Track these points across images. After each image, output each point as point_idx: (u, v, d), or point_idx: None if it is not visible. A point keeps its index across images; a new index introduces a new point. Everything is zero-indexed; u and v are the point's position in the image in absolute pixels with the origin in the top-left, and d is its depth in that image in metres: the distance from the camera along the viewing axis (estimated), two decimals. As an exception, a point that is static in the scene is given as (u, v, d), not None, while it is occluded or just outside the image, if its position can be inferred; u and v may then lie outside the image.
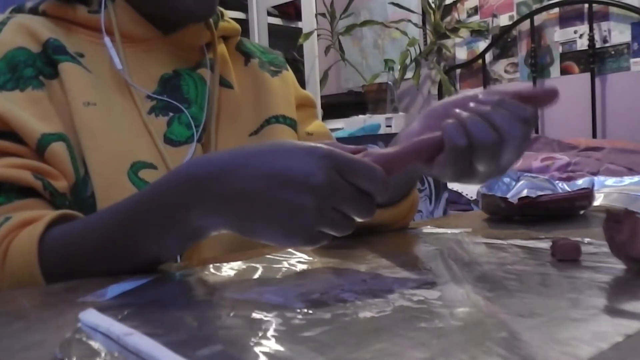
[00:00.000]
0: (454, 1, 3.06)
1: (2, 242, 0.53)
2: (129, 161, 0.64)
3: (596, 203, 0.82)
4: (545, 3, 2.70)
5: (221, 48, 0.80)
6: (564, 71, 2.68)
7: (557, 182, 0.87)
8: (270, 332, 0.34)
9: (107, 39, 0.70)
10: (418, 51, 3.17)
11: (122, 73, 0.69)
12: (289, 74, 0.86)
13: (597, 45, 2.55)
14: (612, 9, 2.50)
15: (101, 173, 0.62)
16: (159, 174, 0.65)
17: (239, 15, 3.31)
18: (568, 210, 0.76)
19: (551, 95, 0.53)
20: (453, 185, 1.68)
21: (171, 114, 0.71)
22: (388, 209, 0.68)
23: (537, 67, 2.73)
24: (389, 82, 3.19)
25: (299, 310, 0.39)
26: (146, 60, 0.72)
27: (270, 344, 0.32)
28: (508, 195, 0.78)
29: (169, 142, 0.69)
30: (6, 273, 0.52)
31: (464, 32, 3.01)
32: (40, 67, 0.66)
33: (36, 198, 0.59)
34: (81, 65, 0.67)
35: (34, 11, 0.72)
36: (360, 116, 3.08)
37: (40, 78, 0.65)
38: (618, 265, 0.46)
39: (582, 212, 0.78)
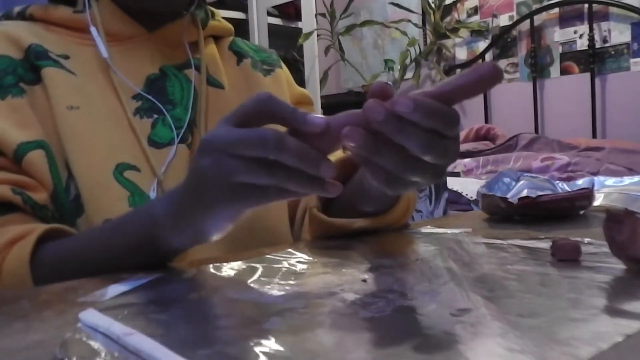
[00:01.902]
0: (454, 1, 3.06)
1: None
2: (113, 162, 0.65)
3: (596, 203, 0.82)
4: (545, 3, 2.70)
5: (211, 48, 0.80)
6: (564, 71, 2.68)
7: (557, 182, 0.87)
8: (271, 332, 0.34)
9: (93, 29, 0.70)
10: (418, 51, 3.17)
11: (108, 61, 0.69)
12: (282, 72, 0.85)
13: (597, 45, 2.54)
14: (612, 9, 2.50)
15: (86, 175, 0.63)
16: (142, 176, 0.66)
17: (239, 15, 3.31)
18: (568, 210, 0.76)
19: (492, 75, 0.41)
20: (453, 185, 1.68)
21: (155, 116, 0.71)
22: (382, 215, 0.66)
23: (537, 67, 2.73)
24: (389, 82, 3.18)
25: (299, 310, 0.39)
26: (132, 58, 0.72)
27: (270, 344, 0.32)
28: (508, 195, 0.78)
29: (153, 144, 0.68)
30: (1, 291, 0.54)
31: (464, 32, 3.01)
32: (22, 73, 0.66)
33: (18, 212, 0.60)
34: (64, 68, 0.67)
35: (21, 15, 0.73)
36: (360, 116, 3.07)
37: (20, 85, 0.65)
38: (618, 265, 0.46)
39: (582, 212, 0.78)
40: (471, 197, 1.66)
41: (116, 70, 0.69)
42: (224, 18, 0.86)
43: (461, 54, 3.08)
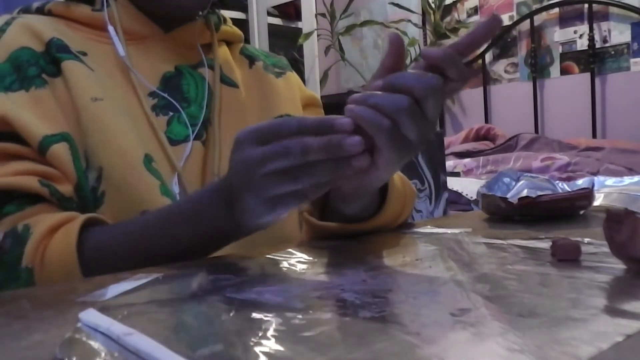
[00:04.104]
0: (454, 1, 3.06)
1: (37, 250, 0.55)
2: (142, 152, 0.66)
3: (596, 203, 0.82)
4: (545, 3, 2.70)
5: (223, 50, 0.81)
6: (564, 71, 2.68)
7: (557, 182, 0.87)
8: (270, 332, 0.34)
9: (110, 28, 0.71)
10: (418, 51, 3.17)
11: (124, 60, 0.70)
12: (292, 75, 0.87)
13: (597, 45, 2.54)
14: (612, 9, 2.50)
15: (119, 164, 0.63)
16: (162, 169, 0.67)
17: (239, 15, 3.30)
18: (568, 210, 0.76)
19: (492, 26, 0.51)
20: (453, 185, 1.68)
21: (171, 114, 0.72)
22: (372, 218, 0.66)
23: (537, 67, 2.73)
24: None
25: (299, 310, 0.39)
26: (148, 57, 0.73)
27: (270, 344, 0.32)
28: (508, 195, 0.78)
29: (168, 141, 0.69)
30: (46, 278, 0.55)
31: (464, 32, 3.01)
32: (44, 65, 0.67)
33: (45, 204, 0.61)
34: (84, 63, 0.68)
35: (40, 11, 0.74)
36: (361, 116, 3.07)
37: (43, 76, 0.66)
38: (618, 265, 0.46)
39: (582, 212, 0.78)
40: (471, 197, 1.66)
41: (132, 69, 0.70)
42: (223, 18, 0.87)
43: (461, 54, 3.07)
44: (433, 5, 3.07)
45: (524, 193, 0.78)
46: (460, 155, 2.47)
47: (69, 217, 0.59)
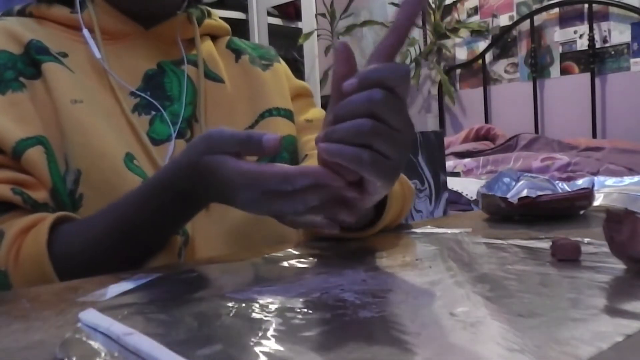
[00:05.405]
0: (454, 1, 3.06)
1: (10, 253, 0.55)
2: (122, 151, 0.65)
3: (596, 203, 0.82)
4: (545, 3, 2.70)
5: (208, 45, 0.80)
6: (564, 71, 2.68)
7: (557, 182, 0.87)
8: (270, 332, 0.34)
9: (85, 31, 0.71)
10: (418, 51, 3.17)
11: (101, 62, 0.69)
12: (280, 66, 0.86)
13: (597, 46, 2.54)
14: (612, 9, 2.50)
15: (100, 165, 0.63)
16: (145, 169, 0.66)
17: (239, 15, 3.30)
18: (568, 210, 0.76)
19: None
20: (453, 185, 1.68)
21: (153, 113, 0.71)
22: (370, 228, 0.65)
23: (537, 67, 2.73)
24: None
25: (298, 310, 0.39)
26: (129, 56, 0.73)
27: (270, 344, 0.32)
28: (508, 195, 0.78)
29: (152, 142, 0.69)
30: (21, 279, 0.55)
31: (464, 32, 3.01)
32: (22, 68, 0.66)
33: (19, 210, 0.61)
34: (64, 65, 0.68)
35: (21, 13, 0.74)
36: (361, 116, 3.06)
37: (20, 79, 0.66)
38: (618, 265, 0.46)
39: (582, 212, 0.78)
40: (471, 197, 1.66)
41: (110, 71, 0.69)
42: (224, 18, 0.86)
43: (461, 54, 3.08)
44: (433, 5, 3.07)
45: (524, 193, 0.78)
46: (460, 155, 2.48)
47: (41, 217, 0.58)
